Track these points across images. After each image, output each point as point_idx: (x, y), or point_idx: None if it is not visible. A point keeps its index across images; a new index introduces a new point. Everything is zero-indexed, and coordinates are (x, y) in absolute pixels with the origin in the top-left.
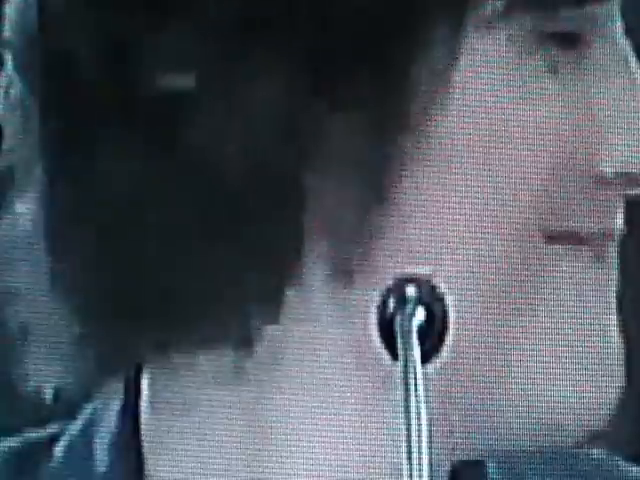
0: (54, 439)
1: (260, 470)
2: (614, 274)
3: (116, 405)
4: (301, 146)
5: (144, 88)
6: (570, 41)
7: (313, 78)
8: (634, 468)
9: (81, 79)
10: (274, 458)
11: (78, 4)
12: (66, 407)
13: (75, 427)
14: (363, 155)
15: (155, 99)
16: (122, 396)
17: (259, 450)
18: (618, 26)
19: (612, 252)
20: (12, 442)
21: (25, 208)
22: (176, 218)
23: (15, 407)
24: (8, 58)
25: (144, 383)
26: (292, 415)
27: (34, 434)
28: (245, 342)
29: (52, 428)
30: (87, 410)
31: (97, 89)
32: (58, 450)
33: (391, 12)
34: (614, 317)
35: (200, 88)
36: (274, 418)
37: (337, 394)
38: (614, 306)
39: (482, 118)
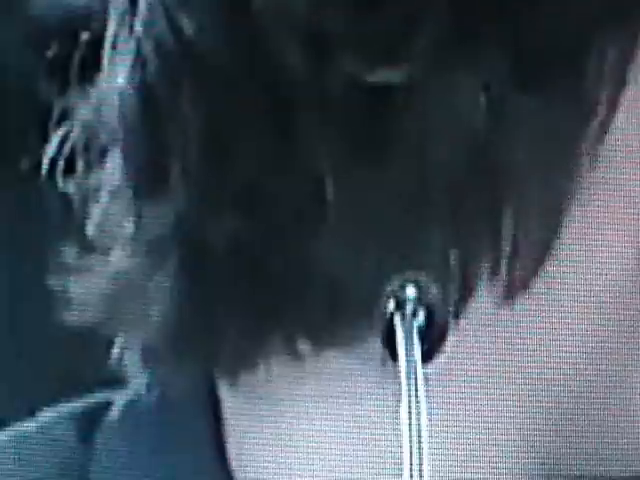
0: (108, 405)
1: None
2: None
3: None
4: (506, 135)
5: (350, 83)
6: None
7: (514, 69)
8: None
9: (283, 75)
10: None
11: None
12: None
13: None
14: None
15: (361, 93)
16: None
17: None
18: None
19: None
20: (75, 404)
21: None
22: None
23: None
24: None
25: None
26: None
27: (95, 398)
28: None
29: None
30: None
31: (300, 83)
32: (112, 416)
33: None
34: None
35: (410, 82)
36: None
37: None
38: None
39: None
